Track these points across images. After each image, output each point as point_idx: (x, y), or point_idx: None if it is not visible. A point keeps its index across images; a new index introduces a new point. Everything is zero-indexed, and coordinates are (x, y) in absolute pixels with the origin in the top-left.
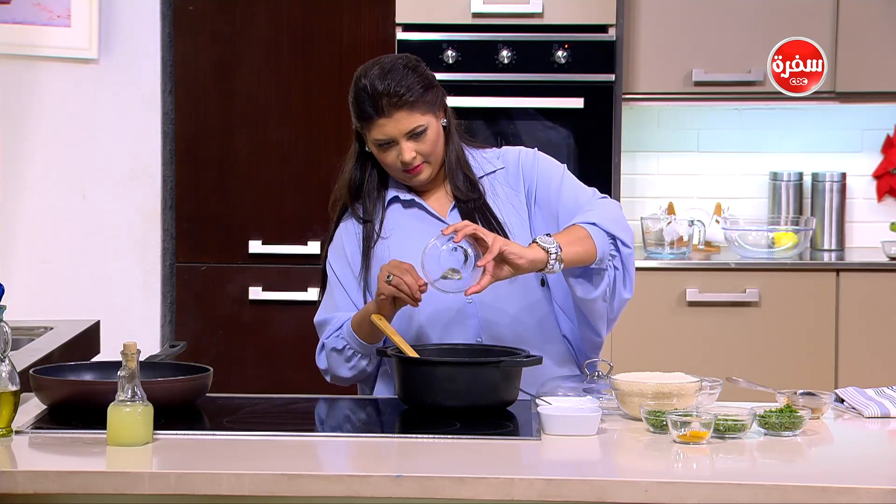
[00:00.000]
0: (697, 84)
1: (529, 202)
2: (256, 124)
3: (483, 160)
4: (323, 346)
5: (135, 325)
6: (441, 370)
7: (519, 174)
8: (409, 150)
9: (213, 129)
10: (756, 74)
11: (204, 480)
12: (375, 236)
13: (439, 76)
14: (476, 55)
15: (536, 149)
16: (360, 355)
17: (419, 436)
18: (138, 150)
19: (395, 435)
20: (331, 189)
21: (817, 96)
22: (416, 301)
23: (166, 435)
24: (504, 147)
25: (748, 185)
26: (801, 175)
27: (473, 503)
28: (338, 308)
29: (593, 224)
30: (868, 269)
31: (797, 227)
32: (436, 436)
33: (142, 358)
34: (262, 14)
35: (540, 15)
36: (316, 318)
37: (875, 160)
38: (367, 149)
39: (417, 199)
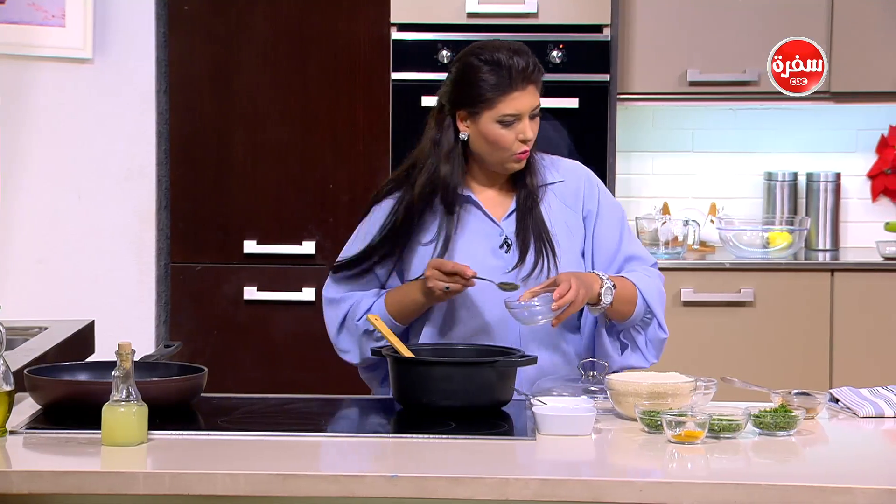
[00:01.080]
0: (692, 84)
1: (587, 228)
2: (252, 124)
3: (541, 165)
4: (343, 326)
5: (130, 324)
6: (436, 370)
7: (579, 198)
8: (530, 128)
9: (208, 129)
10: (751, 74)
11: (199, 480)
12: (454, 230)
13: (434, 76)
14: None
15: (591, 172)
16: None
17: (414, 436)
18: (134, 150)
19: (391, 435)
20: (326, 189)
21: (812, 96)
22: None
23: (161, 435)
24: (555, 157)
25: (743, 185)
26: (795, 175)
27: (469, 503)
28: (357, 285)
29: (644, 300)
30: (862, 269)
31: (792, 227)
32: (431, 436)
33: (136, 358)
34: (258, 14)
35: (534, 15)
36: (326, 293)
37: (870, 160)
38: (461, 137)
39: (474, 197)
